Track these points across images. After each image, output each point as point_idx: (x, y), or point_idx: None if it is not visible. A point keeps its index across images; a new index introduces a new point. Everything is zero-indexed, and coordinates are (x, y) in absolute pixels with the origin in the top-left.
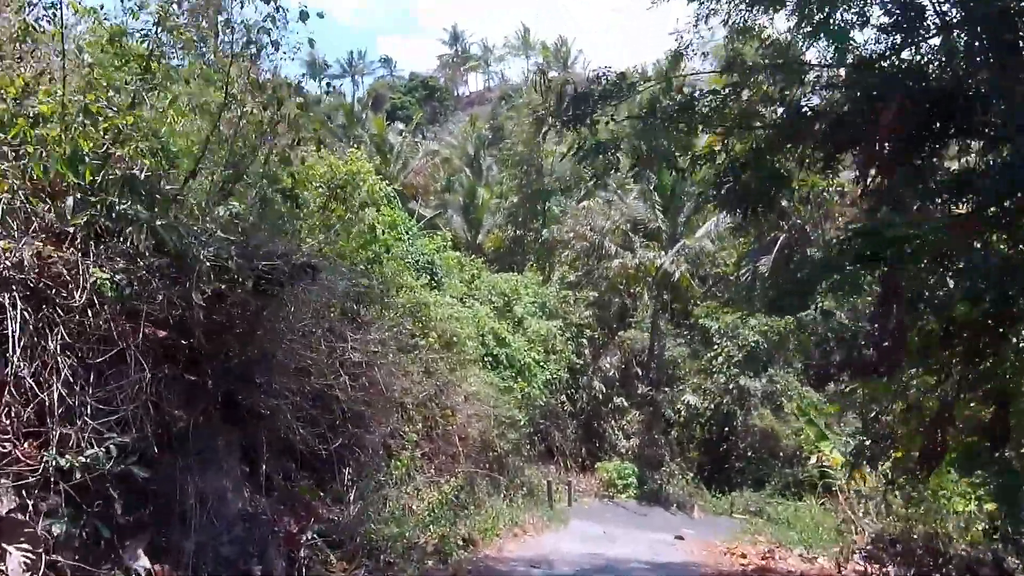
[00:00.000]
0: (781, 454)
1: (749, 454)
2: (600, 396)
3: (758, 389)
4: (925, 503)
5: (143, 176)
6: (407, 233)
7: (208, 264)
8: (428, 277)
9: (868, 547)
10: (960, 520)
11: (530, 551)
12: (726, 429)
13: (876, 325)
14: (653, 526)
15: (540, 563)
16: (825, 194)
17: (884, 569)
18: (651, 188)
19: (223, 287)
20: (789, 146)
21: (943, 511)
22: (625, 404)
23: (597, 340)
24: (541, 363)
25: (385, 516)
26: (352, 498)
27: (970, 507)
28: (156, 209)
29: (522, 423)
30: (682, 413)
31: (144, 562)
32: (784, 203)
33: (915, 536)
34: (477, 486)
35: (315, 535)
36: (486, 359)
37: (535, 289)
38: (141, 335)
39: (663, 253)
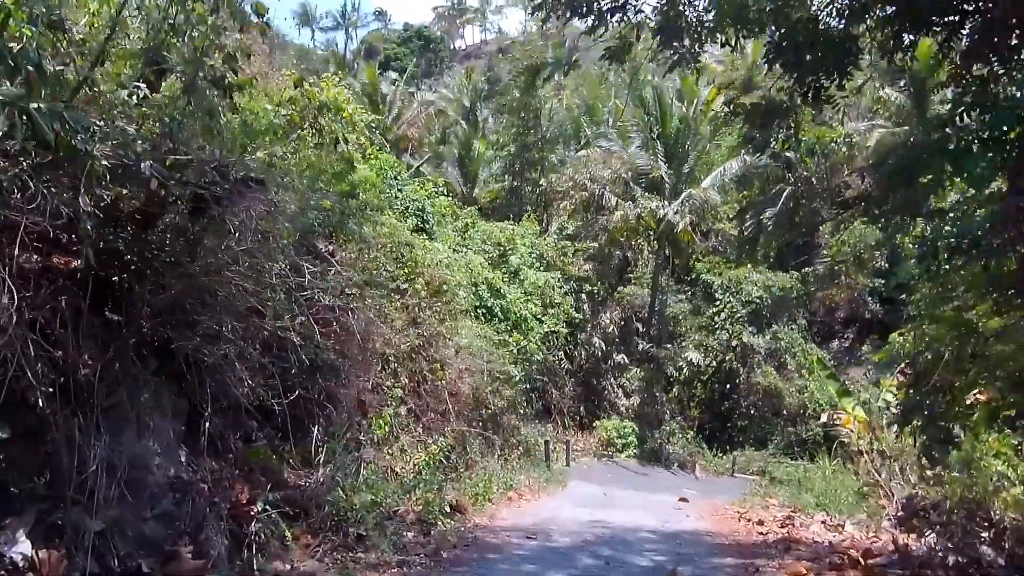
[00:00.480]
0: (784, 412)
1: (751, 412)
2: (600, 353)
3: (761, 346)
4: (960, 464)
5: (15, 47)
6: (395, 178)
7: (106, 164)
8: (418, 224)
9: (899, 514)
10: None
11: (526, 518)
12: (728, 387)
13: (1007, 229)
14: (655, 487)
15: (536, 533)
16: (833, 144)
17: (922, 539)
18: (653, 136)
19: (126, 191)
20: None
21: (983, 474)
22: (626, 361)
23: (596, 295)
24: (538, 316)
25: (361, 481)
26: (322, 460)
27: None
28: (34, 90)
29: (518, 379)
30: (684, 371)
31: (23, 547)
32: (790, 155)
33: (952, 501)
34: (469, 446)
35: (268, 505)
36: (479, 310)
37: (532, 240)
38: (15, 255)
39: (666, 204)
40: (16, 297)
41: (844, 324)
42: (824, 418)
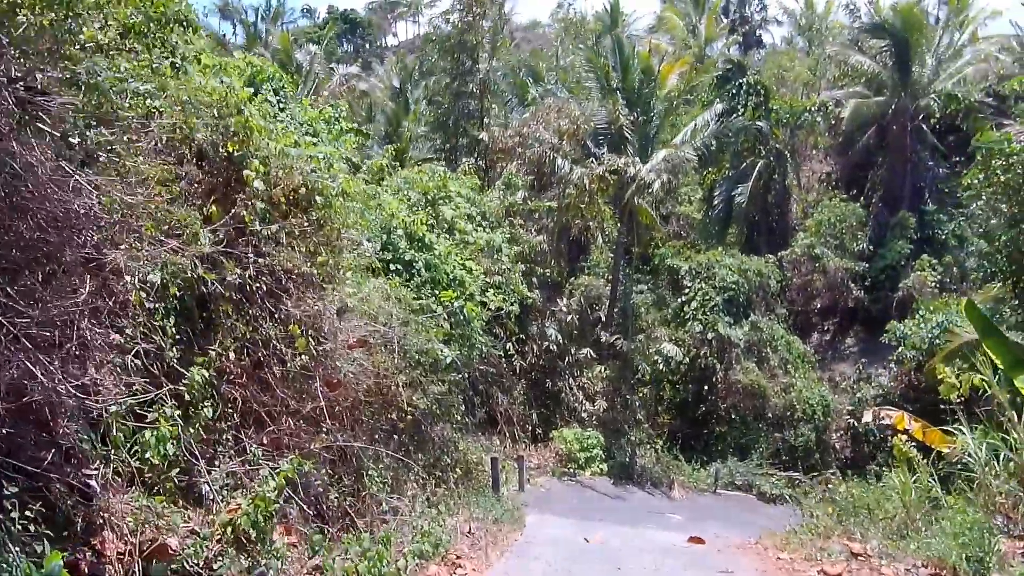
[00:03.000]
0: (770, 415)
1: (731, 416)
2: (556, 348)
3: (740, 338)
4: None
5: None
6: (277, 92)
7: None
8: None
9: None
10: None
11: None
12: (705, 387)
13: None
14: (641, 516)
15: None
16: (807, 114)
17: None
18: (613, 87)
19: None
20: None
21: None
22: (590, 356)
23: (550, 279)
24: (480, 284)
25: None
26: None
27: None
28: None
29: (448, 360)
30: (660, 366)
31: None
32: (761, 125)
33: None
34: (366, 475)
35: None
36: (391, 266)
37: (471, 194)
38: None
39: (636, 160)
40: None
41: (822, 315)
42: (868, 416)
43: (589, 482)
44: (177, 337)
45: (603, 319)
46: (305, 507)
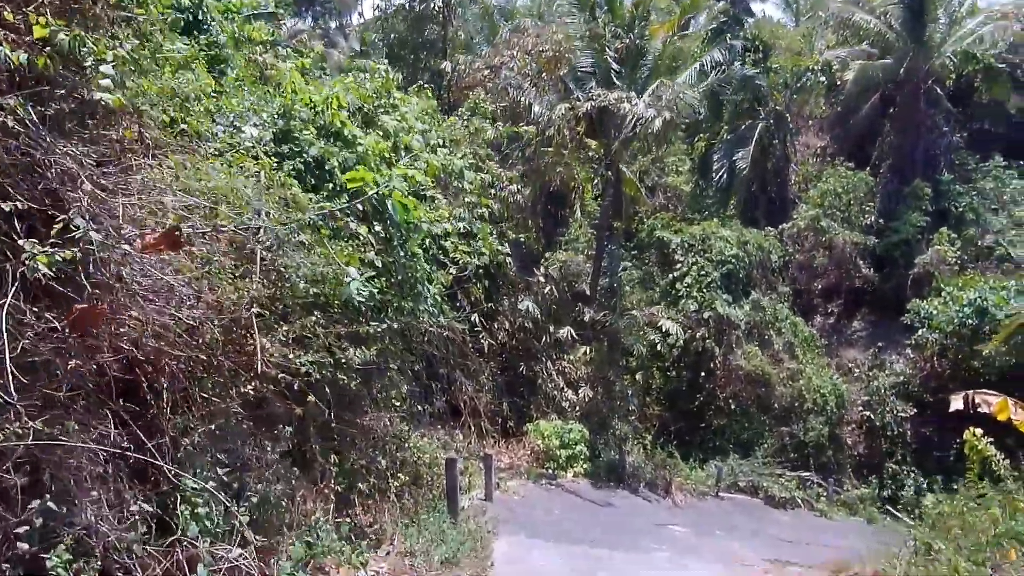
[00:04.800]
0: (775, 406)
1: (731, 407)
2: (531, 325)
3: (741, 319)
4: None
5: None
6: None
7: None
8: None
9: None
10: None
11: None
12: (702, 374)
13: None
14: (641, 530)
15: None
16: (809, 73)
17: None
18: (599, 21)
19: None
20: None
21: None
22: (572, 336)
23: (524, 246)
24: (435, 215)
25: None
26: None
27: None
28: None
29: (354, 290)
30: (657, 346)
31: None
32: (762, 84)
33: None
34: (178, 502)
35: None
36: (287, 163)
37: (425, 118)
38: None
39: (632, 96)
40: None
41: (825, 295)
42: (958, 403)
43: (572, 486)
44: None
45: (586, 293)
46: None
